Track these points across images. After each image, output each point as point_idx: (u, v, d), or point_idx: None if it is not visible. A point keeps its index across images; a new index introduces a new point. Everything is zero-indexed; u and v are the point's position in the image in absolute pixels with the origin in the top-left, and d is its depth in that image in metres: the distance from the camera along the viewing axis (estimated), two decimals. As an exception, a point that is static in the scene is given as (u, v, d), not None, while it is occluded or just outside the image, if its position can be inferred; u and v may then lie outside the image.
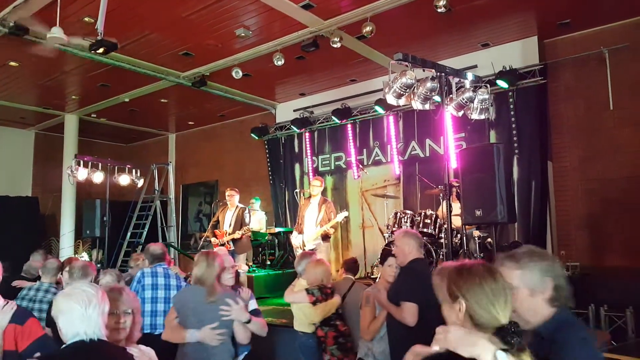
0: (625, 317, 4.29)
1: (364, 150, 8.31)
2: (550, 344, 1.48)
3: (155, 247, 3.90)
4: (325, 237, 5.64)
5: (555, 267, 1.58)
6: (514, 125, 6.60)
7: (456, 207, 5.49)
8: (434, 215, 6.04)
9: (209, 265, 2.76)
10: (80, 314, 1.69)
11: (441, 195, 5.79)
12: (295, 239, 5.89)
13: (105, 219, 9.23)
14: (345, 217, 5.73)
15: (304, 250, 5.68)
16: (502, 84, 6.29)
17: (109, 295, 1.84)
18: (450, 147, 6.50)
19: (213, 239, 6.61)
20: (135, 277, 3.74)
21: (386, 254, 3.43)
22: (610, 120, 6.30)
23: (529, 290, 1.53)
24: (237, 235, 6.32)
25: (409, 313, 2.77)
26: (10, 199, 10.08)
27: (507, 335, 1.24)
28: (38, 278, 4.07)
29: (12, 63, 7.16)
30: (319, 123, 8.79)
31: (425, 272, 2.80)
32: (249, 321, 2.77)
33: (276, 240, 8.33)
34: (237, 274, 3.51)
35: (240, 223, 6.45)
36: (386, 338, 3.08)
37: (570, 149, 6.62)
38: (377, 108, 7.62)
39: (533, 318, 1.52)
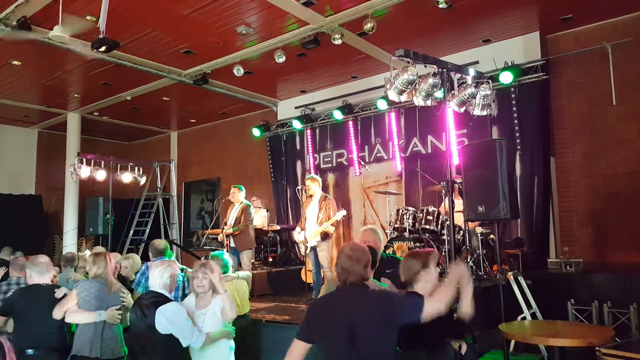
0: (629, 314, 4.28)
1: (366, 147, 8.30)
2: None
3: (159, 243, 4.32)
4: (326, 235, 5.64)
5: None
6: (516, 121, 6.58)
7: (458, 203, 5.49)
8: (436, 212, 6.04)
9: (107, 265, 3.42)
10: None
11: (443, 191, 5.78)
12: (298, 235, 5.90)
13: (108, 216, 9.28)
14: (344, 216, 5.71)
15: (306, 246, 5.68)
16: (507, 76, 6.21)
17: None
18: (452, 144, 6.50)
19: (220, 235, 6.62)
20: (140, 270, 4.13)
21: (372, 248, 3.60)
22: (613, 116, 6.27)
23: None
24: (229, 230, 6.32)
25: None
26: (13, 197, 10.13)
27: None
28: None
29: (15, 62, 7.18)
30: (321, 120, 8.79)
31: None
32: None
33: (278, 238, 8.34)
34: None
35: (240, 219, 6.46)
36: None
37: (573, 145, 6.60)
38: (379, 105, 7.60)
39: None
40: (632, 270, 5.58)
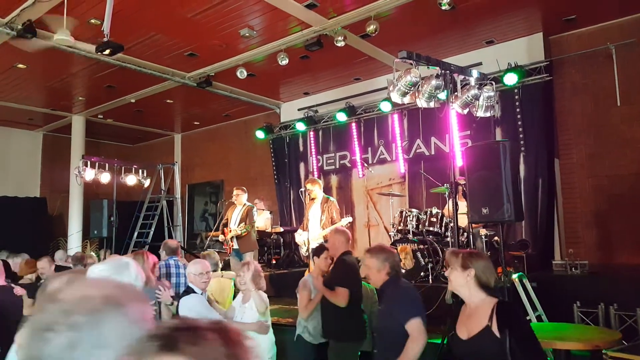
0: (636, 316, 4.24)
1: (369, 148, 8.29)
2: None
3: (172, 242, 4.86)
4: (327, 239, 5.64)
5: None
6: (520, 123, 6.55)
7: (462, 205, 5.46)
8: (440, 214, 6.01)
9: (144, 262, 3.52)
10: None
11: (447, 193, 5.76)
12: (300, 237, 5.90)
13: (112, 219, 9.29)
14: (349, 222, 5.69)
15: (308, 247, 5.67)
16: (512, 78, 6.20)
17: None
18: (456, 145, 6.48)
19: (221, 237, 6.63)
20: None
21: (321, 248, 4.00)
22: (618, 117, 6.24)
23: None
24: (238, 231, 6.33)
25: (342, 296, 3.32)
26: (18, 200, 10.19)
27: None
28: None
29: (20, 65, 7.23)
30: (324, 122, 8.79)
31: (353, 263, 3.54)
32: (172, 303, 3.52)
33: (281, 240, 8.33)
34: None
35: (245, 221, 6.46)
36: (318, 317, 3.60)
37: (578, 146, 6.57)
38: (383, 107, 7.59)
39: None
40: (638, 272, 5.53)
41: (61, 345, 0.67)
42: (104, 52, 5.35)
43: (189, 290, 3.36)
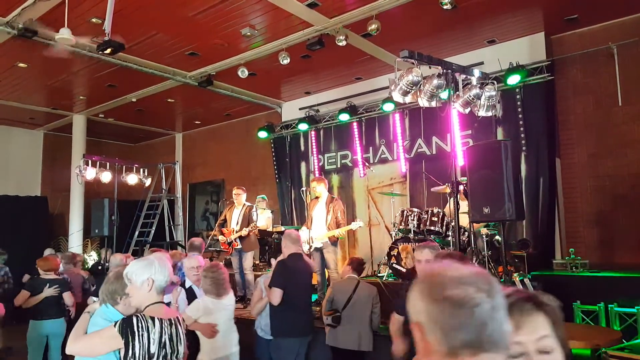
0: (636, 315, 4.25)
1: (370, 148, 8.30)
2: None
3: (195, 240, 5.10)
4: (335, 239, 5.64)
5: None
6: (521, 122, 6.55)
7: (463, 204, 5.47)
8: (441, 213, 6.02)
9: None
10: None
11: (448, 192, 5.77)
12: (303, 234, 5.91)
13: (113, 218, 9.30)
14: (360, 227, 5.69)
15: (310, 245, 5.67)
16: (515, 78, 6.20)
17: None
18: (457, 145, 6.47)
19: (221, 237, 6.64)
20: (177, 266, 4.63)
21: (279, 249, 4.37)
22: (619, 116, 6.24)
23: None
24: (244, 232, 6.34)
25: (274, 296, 3.58)
26: (19, 199, 10.20)
27: None
28: None
29: (21, 64, 7.24)
30: (325, 121, 8.79)
31: (293, 265, 3.72)
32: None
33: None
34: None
35: (247, 221, 6.47)
36: (267, 314, 3.88)
37: (579, 146, 6.57)
38: (385, 107, 7.59)
39: None
40: (639, 271, 5.53)
41: (488, 309, 0.89)
42: (105, 51, 5.35)
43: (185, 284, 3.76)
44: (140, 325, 2.03)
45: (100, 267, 7.77)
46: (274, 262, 4.06)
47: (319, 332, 4.35)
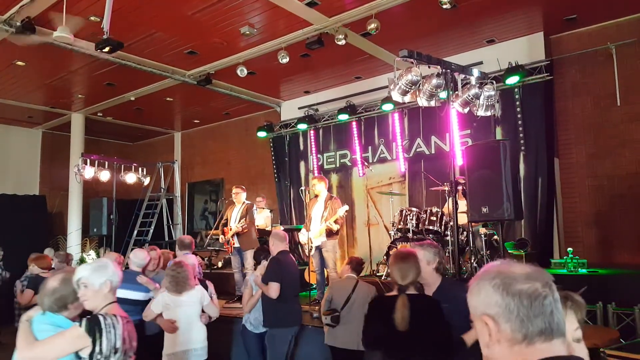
0: (634, 315, 4.26)
1: (369, 147, 8.30)
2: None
3: (185, 238, 5.03)
4: (330, 233, 5.63)
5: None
6: (520, 122, 6.56)
7: (462, 204, 5.47)
8: (440, 213, 6.03)
9: None
10: None
11: (447, 192, 5.78)
12: (302, 236, 5.91)
13: (111, 217, 9.30)
14: (346, 211, 5.71)
15: (311, 247, 5.67)
16: (514, 79, 6.22)
17: None
18: (456, 144, 6.49)
19: (221, 236, 6.63)
20: (169, 264, 4.66)
21: (261, 250, 4.66)
22: (618, 116, 6.25)
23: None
24: (237, 229, 6.33)
25: (272, 290, 3.83)
26: (18, 198, 10.18)
27: None
28: None
29: (19, 63, 7.21)
30: (324, 121, 8.79)
31: (285, 260, 4.03)
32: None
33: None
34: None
35: (245, 218, 6.47)
36: (259, 309, 4.11)
37: (577, 146, 6.58)
38: (384, 108, 7.59)
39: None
40: (637, 270, 5.54)
41: (553, 301, 1.03)
42: (103, 50, 5.33)
43: None
44: (107, 322, 2.14)
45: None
46: (264, 262, 4.26)
47: (318, 331, 4.35)
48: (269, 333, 4.00)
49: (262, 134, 9.47)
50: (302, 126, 8.84)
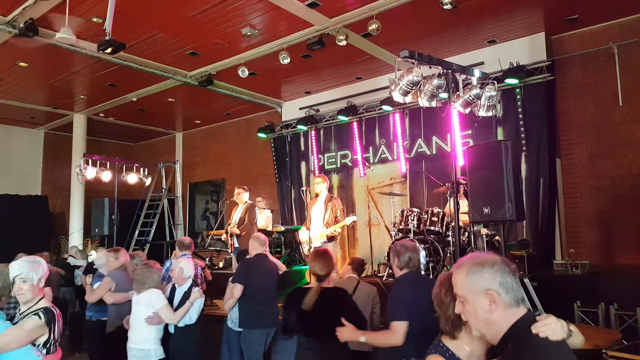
0: (636, 316, 4.25)
1: (370, 148, 8.29)
2: None
3: (185, 239, 5.11)
4: (332, 237, 5.64)
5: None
6: (521, 122, 6.55)
7: (463, 204, 5.47)
8: (441, 213, 6.01)
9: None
10: None
11: (448, 193, 5.77)
12: (302, 235, 5.92)
13: (113, 217, 9.32)
14: (353, 221, 5.72)
15: (310, 246, 5.68)
16: (510, 81, 6.24)
17: None
18: (457, 145, 6.47)
19: (223, 235, 6.65)
20: (165, 266, 4.83)
21: (244, 252, 4.73)
22: (620, 117, 6.23)
23: None
24: (236, 231, 6.35)
25: (235, 290, 3.99)
26: (20, 198, 10.21)
27: None
28: None
29: (22, 64, 7.24)
30: (325, 121, 8.79)
31: (253, 262, 4.14)
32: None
33: (282, 238, 8.33)
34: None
35: (244, 219, 6.48)
36: (237, 309, 4.20)
37: (579, 146, 6.56)
38: (384, 106, 7.59)
39: None
40: (639, 272, 5.53)
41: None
42: (105, 51, 5.35)
43: None
44: (56, 313, 2.40)
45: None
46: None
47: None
48: (243, 334, 4.09)
49: (263, 135, 9.48)
50: (303, 126, 8.84)
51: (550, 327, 1.37)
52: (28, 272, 2.40)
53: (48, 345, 2.33)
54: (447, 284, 1.69)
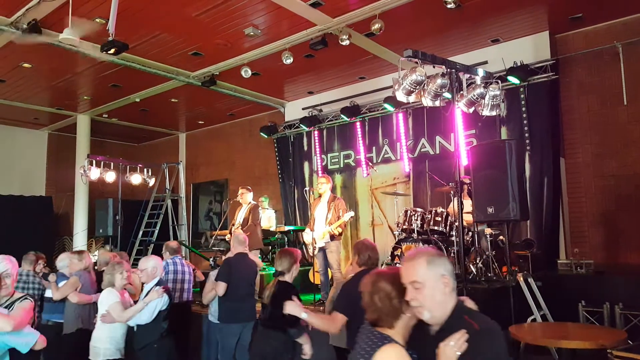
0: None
1: (373, 148, 8.28)
2: None
3: (172, 243, 5.27)
4: (334, 235, 5.64)
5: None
6: (525, 122, 6.52)
7: (467, 204, 5.45)
8: (445, 213, 6.00)
9: None
10: None
11: (452, 192, 5.75)
12: (307, 236, 5.91)
13: (117, 217, 9.35)
14: (351, 217, 5.72)
15: (314, 247, 5.67)
16: (513, 80, 6.22)
17: None
18: (461, 144, 6.46)
19: (228, 236, 6.67)
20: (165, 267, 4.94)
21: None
22: (624, 116, 6.20)
23: None
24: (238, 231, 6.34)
25: (219, 288, 4.17)
26: (24, 199, 10.25)
27: None
28: None
29: (26, 65, 7.27)
30: (328, 121, 8.78)
31: (239, 262, 4.34)
32: None
33: (286, 239, 8.34)
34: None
35: (248, 220, 6.48)
36: (217, 303, 4.40)
37: (583, 145, 6.53)
38: (387, 106, 7.58)
39: None
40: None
41: None
42: (108, 52, 5.36)
43: None
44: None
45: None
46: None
47: (322, 331, 4.34)
48: (219, 327, 4.30)
49: (266, 135, 9.49)
50: (306, 127, 8.84)
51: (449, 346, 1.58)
52: (11, 267, 2.90)
53: (34, 326, 2.72)
54: (392, 279, 1.82)
